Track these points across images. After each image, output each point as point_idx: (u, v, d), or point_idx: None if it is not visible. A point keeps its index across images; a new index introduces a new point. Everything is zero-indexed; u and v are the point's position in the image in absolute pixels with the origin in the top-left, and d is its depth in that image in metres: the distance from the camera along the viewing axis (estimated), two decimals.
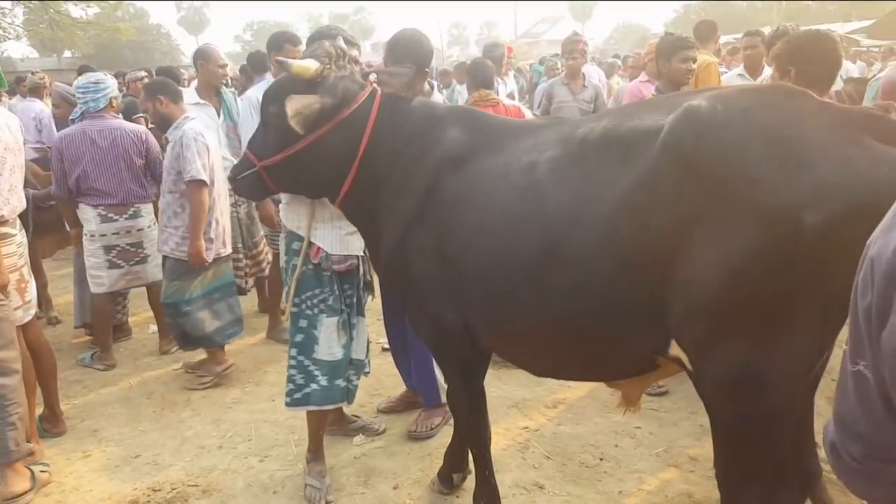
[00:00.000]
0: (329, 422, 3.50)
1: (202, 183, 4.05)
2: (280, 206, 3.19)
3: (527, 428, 3.46)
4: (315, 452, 3.22)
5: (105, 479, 3.37)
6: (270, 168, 2.59)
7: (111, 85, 4.63)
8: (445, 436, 3.53)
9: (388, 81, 2.64)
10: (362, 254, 3.12)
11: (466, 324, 2.39)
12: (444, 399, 3.63)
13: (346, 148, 2.48)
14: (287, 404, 3.08)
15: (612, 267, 1.92)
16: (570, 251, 1.99)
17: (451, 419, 3.64)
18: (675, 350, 1.94)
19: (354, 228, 3.03)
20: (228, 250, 4.46)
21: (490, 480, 2.69)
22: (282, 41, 4.15)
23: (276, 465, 3.42)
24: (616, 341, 2.06)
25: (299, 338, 3.01)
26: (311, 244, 2.96)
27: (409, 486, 3.15)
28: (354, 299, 3.13)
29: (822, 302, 1.68)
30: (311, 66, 2.44)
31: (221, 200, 4.31)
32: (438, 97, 3.69)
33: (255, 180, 2.65)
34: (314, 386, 3.02)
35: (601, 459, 3.28)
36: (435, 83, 6.14)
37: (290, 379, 3.05)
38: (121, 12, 33.93)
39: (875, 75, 5.69)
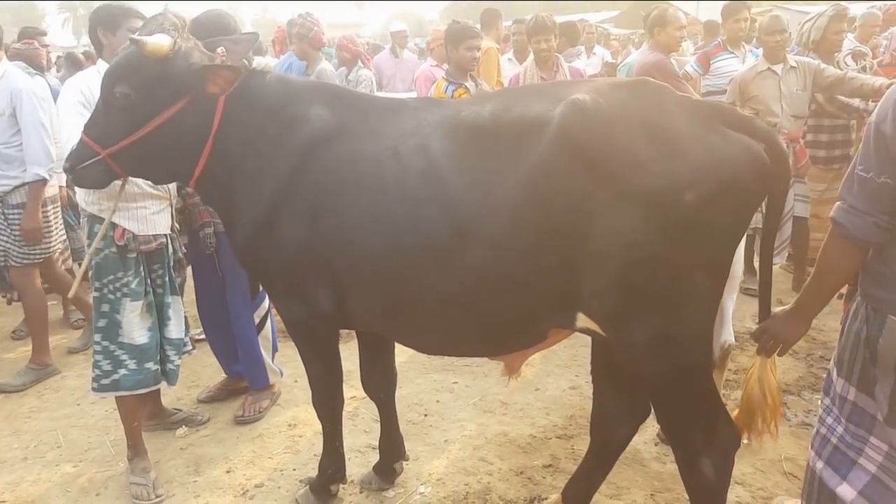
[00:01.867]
0: (147, 416, 3.38)
1: None
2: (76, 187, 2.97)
3: (354, 397, 3.62)
4: (135, 448, 3.11)
5: None
6: (118, 154, 2.42)
7: None
8: (275, 415, 3.60)
9: (233, 49, 2.50)
10: (170, 232, 3.07)
11: (341, 307, 2.39)
12: (271, 380, 3.68)
13: (199, 126, 2.37)
14: (95, 390, 2.97)
15: (520, 249, 2.01)
16: (479, 235, 2.04)
17: (277, 398, 3.72)
18: (583, 322, 2.09)
19: (161, 207, 2.99)
20: None
21: (340, 451, 2.82)
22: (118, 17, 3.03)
23: (93, 468, 3.23)
24: (521, 319, 2.16)
25: (102, 323, 2.92)
26: (114, 226, 2.84)
27: (242, 467, 3.16)
28: (166, 279, 3.07)
29: (705, 266, 1.95)
30: (164, 42, 2.30)
31: None
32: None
33: (99, 168, 2.47)
34: (123, 371, 2.94)
35: (426, 415, 3.56)
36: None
37: (95, 365, 2.94)
38: None
39: (622, 61, 6.62)
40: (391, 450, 2.96)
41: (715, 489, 2.14)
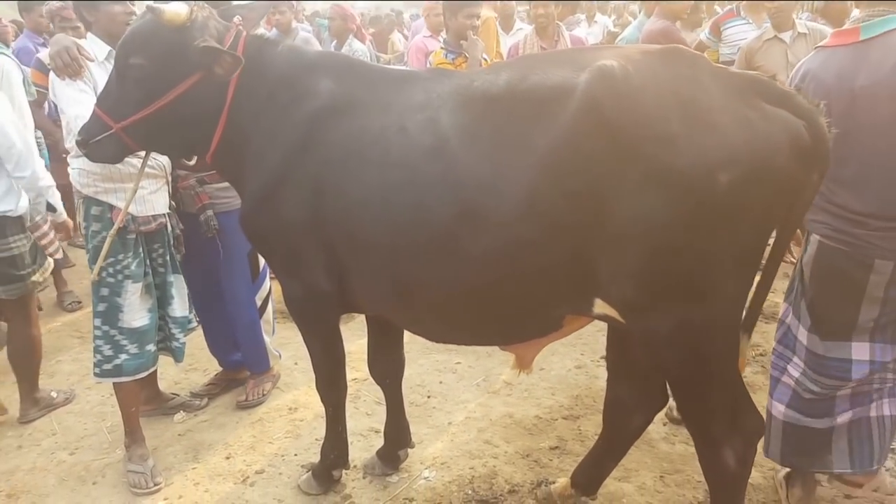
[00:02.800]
0: (144, 401, 3.31)
1: None
2: (70, 168, 2.87)
3: (356, 379, 3.54)
4: (133, 435, 3.04)
5: None
6: (131, 127, 2.35)
7: None
8: (276, 399, 3.53)
9: (248, 16, 2.46)
10: (169, 210, 3.01)
11: (343, 288, 2.31)
12: (272, 363, 3.60)
13: (214, 98, 2.30)
14: (96, 375, 2.93)
15: (534, 231, 1.87)
16: (489, 216, 1.91)
17: (277, 381, 3.65)
18: (601, 309, 1.97)
19: (157, 186, 2.91)
20: None
21: (343, 435, 2.75)
22: None
23: (89, 455, 3.16)
24: (534, 306, 2.04)
25: (102, 307, 2.86)
26: (111, 208, 2.79)
27: (242, 453, 3.10)
28: (167, 257, 3.02)
29: (736, 253, 1.81)
30: (182, 10, 2.22)
31: None
32: None
33: (112, 143, 2.40)
34: (124, 356, 2.89)
35: (429, 397, 3.49)
36: None
37: (96, 350, 2.90)
38: None
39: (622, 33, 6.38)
40: (397, 437, 2.89)
41: (736, 478, 2.04)
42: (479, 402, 3.42)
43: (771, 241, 1.98)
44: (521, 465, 2.89)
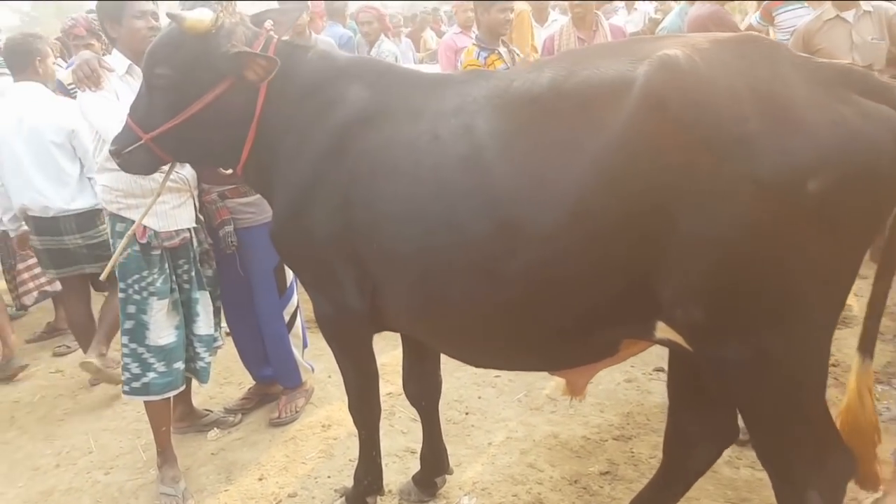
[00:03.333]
0: (177, 418, 3.24)
1: None
2: (97, 185, 2.84)
3: (390, 394, 3.40)
4: (164, 455, 2.98)
5: None
6: (161, 138, 2.29)
7: None
8: (309, 415, 3.42)
9: (280, 20, 2.38)
10: (194, 225, 2.94)
11: (375, 306, 2.16)
12: (304, 378, 3.49)
13: (243, 108, 2.22)
14: (125, 393, 2.89)
15: (582, 248, 1.66)
16: (529, 232, 1.71)
17: (311, 396, 3.53)
18: (664, 333, 1.75)
19: (181, 201, 2.85)
20: None
21: (377, 460, 2.60)
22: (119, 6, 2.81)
23: (124, 475, 3.10)
24: (585, 330, 1.82)
25: (129, 325, 2.81)
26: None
27: (275, 474, 2.99)
28: (192, 273, 2.95)
29: (826, 272, 1.57)
30: (205, 17, 2.14)
31: None
32: None
33: (143, 153, 2.34)
34: (152, 374, 2.83)
35: (467, 413, 3.32)
36: None
37: (125, 367, 2.85)
38: None
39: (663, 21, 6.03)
40: (433, 462, 2.73)
41: None
42: (520, 419, 3.22)
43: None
44: (569, 493, 2.69)
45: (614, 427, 3.10)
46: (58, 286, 4.30)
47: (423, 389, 2.66)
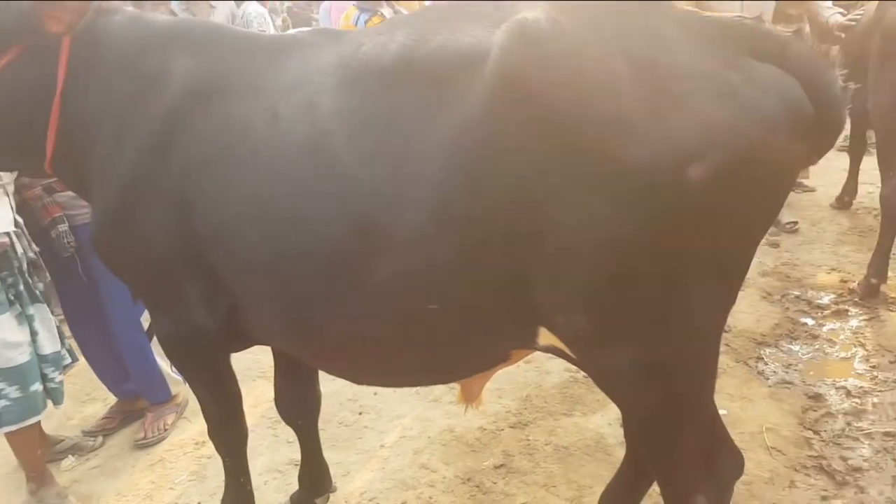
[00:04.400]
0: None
1: None
2: None
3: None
4: (39, 478, 2.61)
5: None
6: None
7: None
8: (181, 432, 3.05)
9: None
10: (13, 228, 2.44)
11: (231, 321, 1.84)
12: (173, 391, 3.12)
13: (39, 86, 1.79)
14: None
15: (450, 251, 1.42)
16: (390, 232, 1.46)
17: (184, 410, 3.17)
18: (546, 339, 1.54)
19: None
20: None
21: (247, 487, 2.24)
22: None
23: None
24: (465, 343, 1.61)
25: None
26: None
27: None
28: (20, 287, 2.48)
29: (715, 268, 1.37)
30: None
31: None
32: None
33: None
34: (3, 402, 2.41)
35: (360, 413, 3.05)
36: None
37: None
38: None
39: None
40: (313, 483, 2.43)
41: None
42: (416, 414, 2.98)
43: None
44: (462, 493, 2.46)
45: (511, 414, 2.90)
46: None
47: (300, 408, 2.34)
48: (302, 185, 1.54)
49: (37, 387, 2.49)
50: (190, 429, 3.07)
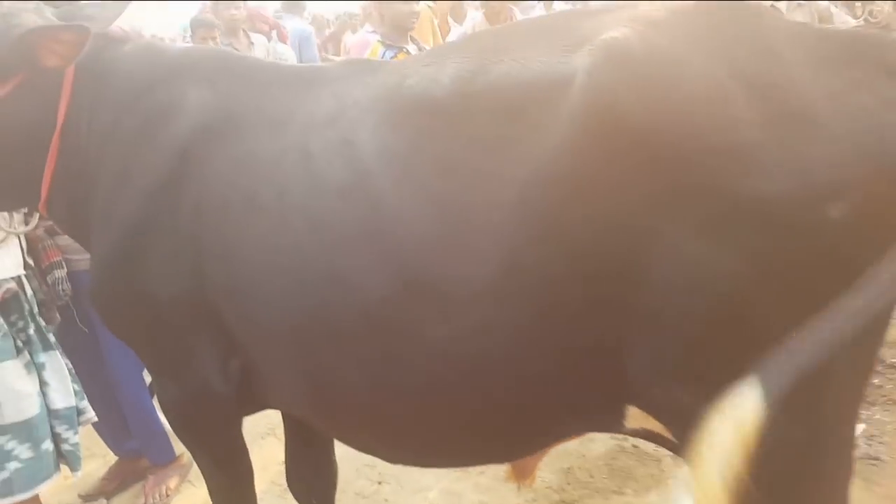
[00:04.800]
0: None
1: None
2: None
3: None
4: None
5: None
6: None
7: None
8: (186, 497, 2.82)
9: (102, 16, 1.75)
10: (23, 272, 2.25)
11: (246, 385, 1.64)
12: (178, 451, 2.88)
13: (40, 115, 1.66)
14: None
15: (517, 313, 1.23)
16: (443, 291, 1.27)
17: (188, 473, 2.92)
18: (637, 422, 1.30)
19: None
20: None
21: None
22: None
23: None
24: (523, 422, 1.40)
25: None
26: None
27: None
28: (31, 331, 2.25)
29: (856, 328, 1.10)
30: None
31: None
32: None
33: None
34: (14, 465, 2.12)
35: (379, 483, 2.77)
36: None
37: None
38: None
39: None
40: None
41: None
42: (442, 486, 2.70)
43: None
44: None
45: (553, 490, 2.60)
46: None
47: (314, 485, 2.11)
48: (338, 233, 1.36)
49: (48, 445, 2.22)
50: (195, 495, 2.83)
